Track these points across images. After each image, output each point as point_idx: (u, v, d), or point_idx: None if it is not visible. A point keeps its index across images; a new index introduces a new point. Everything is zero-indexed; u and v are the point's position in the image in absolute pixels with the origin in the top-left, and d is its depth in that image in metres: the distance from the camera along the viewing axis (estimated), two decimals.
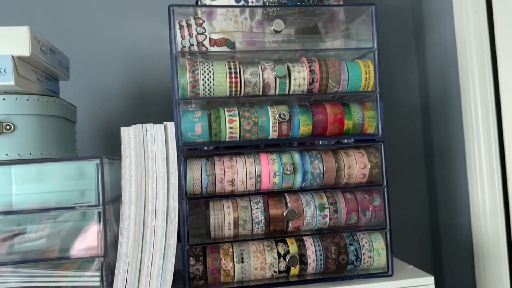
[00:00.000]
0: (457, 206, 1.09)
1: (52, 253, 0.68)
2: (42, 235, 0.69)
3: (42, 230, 0.69)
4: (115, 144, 1.06)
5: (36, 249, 0.68)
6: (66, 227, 0.70)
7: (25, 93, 0.71)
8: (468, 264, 1.05)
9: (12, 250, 0.68)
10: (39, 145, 0.72)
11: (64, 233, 0.70)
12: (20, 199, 0.68)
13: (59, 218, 0.70)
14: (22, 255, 0.67)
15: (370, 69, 0.75)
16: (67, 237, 0.69)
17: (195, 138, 0.73)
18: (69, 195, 0.69)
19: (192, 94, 0.72)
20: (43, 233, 0.69)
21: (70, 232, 0.69)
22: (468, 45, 1.03)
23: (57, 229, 0.69)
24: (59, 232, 0.70)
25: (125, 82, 1.08)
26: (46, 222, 0.69)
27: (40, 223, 0.69)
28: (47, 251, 0.68)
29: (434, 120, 1.15)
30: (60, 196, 0.68)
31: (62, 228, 0.70)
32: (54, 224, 0.69)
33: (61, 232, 0.70)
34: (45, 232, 0.69)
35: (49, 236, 0.69)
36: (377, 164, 0.76)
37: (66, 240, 0.69)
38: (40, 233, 0.69)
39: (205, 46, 0.73)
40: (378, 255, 0.76)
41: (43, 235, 0.69)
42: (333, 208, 0.75)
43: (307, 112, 0.74)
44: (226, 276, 0.72)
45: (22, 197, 0.68)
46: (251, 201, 0.74)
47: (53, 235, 0.69)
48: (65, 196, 0.68)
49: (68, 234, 0.69)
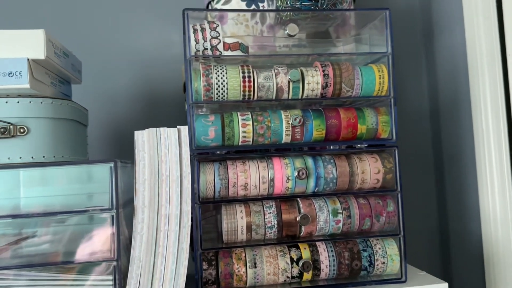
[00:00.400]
0: (467, 213, 1.08)
1: (58, 256, 0.68)
2: (48, 239, 0.69)
3: (48, 234, 0.69)
4: (124, 148, 1.06)
5: (41, 253, 0.68)
6: (73, 230, 0.69)
7: (39, 96, 0.71)
8: (478, 271, 1.04)
9: (18, 254, 0.67)
10: (52, 148, 0.72)
11: (71, 237, 0.69)
12: (28, 202, 0.67)
13: (66, 221, 0.70)
14: (27, 258, 0.67)
15: (384, 74, 0.75)
16: (75, 240, 0.69)
17: (208, 142, 0.72)
18: (76, 199, 0.68)
19: (206, 98, 0.72)
20: (49, 237, 0.69)
21: (77, 236, 0.69)
22: (479, 50, 1.02)
23: (63, 233, 0.69)
24: (66, 235, 0.69)
25: (135, 86, 1.08)
26: (53, 225, 0.69)
27: (47, 226, 0.69)
28: (53, 255, 0.68)
29: (444, 125, 1.14)
30: (66, 199, 0.68)
31: (69, 232, 0.69)
32: (61, 227, 0.69)
33: (68, 235, 0.69)
34: (52, 236, 0.69)
35: (56, 240, 0.69)
36: (391, 169, 0.76)
37: (72, 244, 0.68)
38: (46, 237, 0.69)
39: (219, 50, 0.73)
40: (391, 261, 0.75)
41: (49, 239, 0.69)
42: (346, 213, 0.74)
43: (320, 117, 0.74)
44: (238, 281, 0.72)
45: (29, 200, 0.68)
46: (263, 205, 0.74)
47: (59, 238, 0.69)
48: (72, 200, 0.68)
49: (76, 237, 0.69)
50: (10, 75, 0.66)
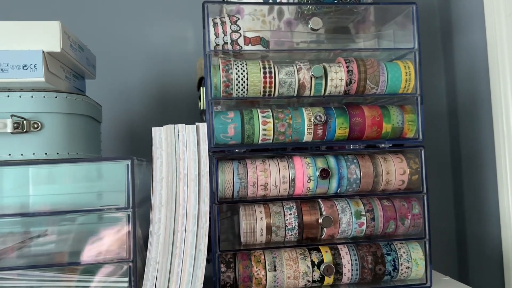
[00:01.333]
0: (486, 216, 1.05)
1: (65, 256, 0.66)
2: (57, 239, 0.66)
3: (57, 233, 0.67)
4: (137, 145, 1.04)
5: (48, 252, 0.65)
6: (82, 230, 0.67)
7: (53, 90, 0.69)
8: (496, 276, 1.01)
9: (25, 254, 0.65)
10: (66, 144, 0.70)
11: (79, 237, 0.67)
12: (36, 201, 0.65)
13: (76, 220, 0.67)
14: (35, 258, 0.65)
15: (410, 70, 0.72)
16: (83, 240, 0.66)
17: (227, 140, 0.70)
18: (85, 197, 0.66)
19: (225, 94, 0.70)
20: (58, 236, 0.67)
21: (86, 236, 0.67)
22: (500, 49, 0.99)
23: (72, 232, 0.67)
24: (75, 235, 0.67)
25: (149, 82, 1.06)
26: (62, 224, 0.67)
27: (56, 225, 0.66)
28: (61, 254, 0.66)
29: (463, 126, 1.12)
30: (75, 198, 0.66)
31: (79, 231, 0.67)
32: (69, 227, 0.67)
33: (77, 235, 0.67)
34: (60, 236, 0.66)
35: (64, 240, 0.66)
36: (417, 170, 0.73)
37: (80, 243, 0.66)
38: (54, 236, 0.66)
39: (239, 45, 0.71)
40: (416, 266, 0.72)
41: (57, 238, 0.67)
42: (370, 215, 0.72)
43: (344, 115, 0.71)
44: (257, 285, 0.69)
45: (38, 198, 0.65)
46: (284, 206, 0.71)
47: (68, 238, 0.66)
48: (81, 198, 0.66)
49: (84, 237, 0.66)
50: (25, 68, 0.64)
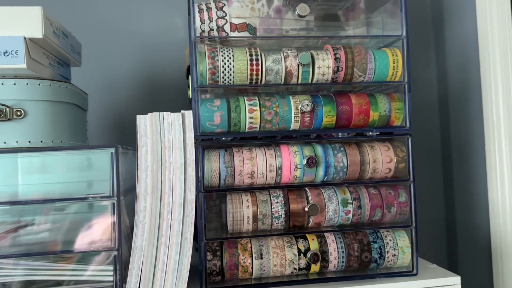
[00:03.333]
0: (475, 205, 1.05)
1: (57, 245, 0.65)
2: (47, 227, 0.66)
3: (47, 222, 0.66)
4: (126, 134, 1.03)
5: (40, 241, 0.65)
6: (73, 219, 0.67)
7: (36, 77, 0.68)
8: (485, 264, 1.02)
9: (16, 242, 0.65)
10: (50, 132, 0.69)
11: (70, 225, 0.66)
12: (26, 190, 0.64)
13: (65, 210, 0.67)
14: (26, 247, 0.64)
15: (398, 58, 0.72)
16: (74, 229, 0.66)
17: (213, 128, 0.69)
18: (75, 187, 0.65)
19: (211, 82, 0.69)
20: (48, 225, 0.66)
21: (76, 225, 0.66)
22: (491, 38, 0.99)
23: (63, 221, 0.66)
24: (65, 224, 0.66)
25: (137, 70, 1.05)
26: (52, 213, 0.66)
27: (46, 214, 0.66)
28: (52, 243, 0.65)
29: (453, 115, 1.12)
30: (66, 187, 0.65)
31: (69, 220, 0.67)
32: (60, 216, 0.66)
33: (67, 224, 0.67)
34: (51, 224, 0.66)
35: (55, 228, 0.66)
36: (404, 158, 0.73)
37: (71, 232, 0.66)
38: (45, 225, 0.66)
39: (226, 31, 0.70)
40: (402, 254, 0.72)
41: (48, 227, 0.66)
42: (356, 203, 0.72)
43: (331, 103, 0.71)
44: (244, 272, 0.69)
45: (28, 187, 0.65)
46: (270, 194, 0.71)
47: (59, 227, 0.66)
48: (72, 187, 0.65)
49: (74, 226, 0.66)
50: (6, 54, 0.62)
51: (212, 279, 0.69)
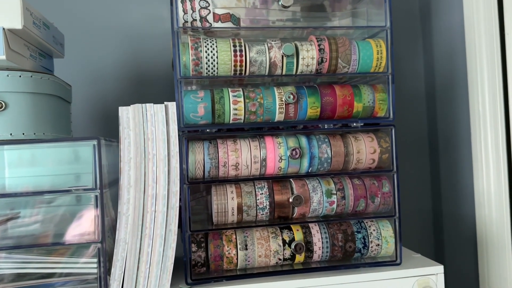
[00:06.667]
0: (461, 195, 1.06)
1: (46, 238, 0.65)
2: (36, 220, 0.66)
3: (36, 215, 0.66)
4: (112, 127, 1.02)
5: (29, 234, 0.65)
6: (61, 212, 0.67)
7: (17, 69, 0.67)
8: (470, 254, 1.03)
9: (5, 235, 0.64)
10: (32, 124, 0.68)
11: (58, 218, 0.66)
12: (14, 183, 0.64)
13: (54, 202, 0.67)
14: (15, 240, 0.64)
15: (382, 49, 0.72)
16: (62, 222, 0.66)
17: (197, 120, 0.69)
18: (63, 179, 0.65)
19: (195, 73, 0.69)
20: (37, 218, 0.66)
21: (64, 217, 0.66)
22: (477, 29, 0.99)
23: (51, 214, 0.66)
24: (54, 217, 0.66)
25: (123, 62, 1.04)
26: (40, 206, 0.66)
27: (34, 207, 0.66)
28: (41, 236, 0.65)
29: (440, 106, 1.12)
30: (54, 180, 0.65)
31: (57, 213, 0.66)
32: (48, 209, 0.66)
33: (56, 217, 0.66)
34: (39, 217, 0.66)
35: (43, 221, 0.66)
36: (387, 149, 0.73)
37: (60, 225, 0.66)
38: (34, 218, 0.66)
39: (209, 22, 0.69)
40: (386, 243, 0.73)
41: (37, 220, 0.66)
42: (340, 194, 0.72)
43: (315, 94, 0.71)
44: (229, 263, 0.69)
45: (15, 180, 0.64)
46: (255, 186, 0.71)
47: (47, 220, 0.66)
48: (59, 180, 0.65)
49: (63, 219, 0.66)
50: None
51: (197, 271, 0.69)
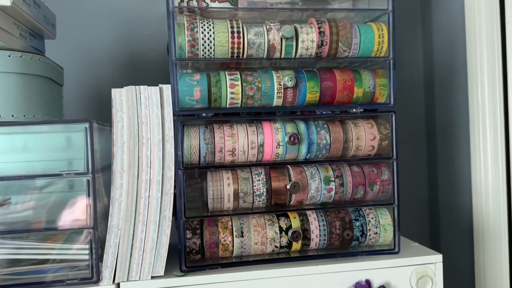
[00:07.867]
0: (458, 185, 1.06)
1: (39, 224, 0.64)
2: (28, 206, 0.64)
3: (28, 201, 0.64)
4: (105, 112, 0.99)
5: (22, 220, 0.63)
6: (53, 198, 0.65)
7: (6, 48, 0.65)
8: (467, 243, 1.03)
9: None
10: (22, 106, 0.66)
11: (51, 205, 0.65)
12: (5, 168, 0.62)
13: (46, 189, 0.65)
14: (7, 226, 0.63)
15: (384, 33, 0.70)
16: (54, 208, 0.64)
17: (193, 103, 0.67)
18: (55, 165, 0.63)
19: (191, 55, 0.66)
20: (29, 204, 0.64)
21: (57, 204, 0.65)
22: (477, 17, 0.98)
23: (43, 201, 0.64)
24: (46, 203, 0.65)
25: (117, 45, 1.01)
26: (33, 192, 0.64)
27: (26, 193, 0.64)
28: (34, 222, 0.64)
29: (438, 95, 1.11)
30: (46, 165, 0.63)
31: (49, 199, 0.65)
32: (40, 195, 0.64)
33: (48, 203, 0.65)
34: (32, 203, 0.64)
35: (36, 208, 0.64)
36: (387, 135, 0.72)
37: (52, 212, 0.64)
38: (26, 204, 0.64)
39: (206, 2, 0.67)
40: (384, 232, 0.72)
41: (29, 206, 0.64)
42: (339, 181, 0.71)
43: (314, 78, 0.69)
44: (224, 251, 0.68)
45: (7, 165, 0.62)
46: (252, 172, 0.69)
47: (40, 206, 0.64)
48: (51, 166, 0.63)
49: (55, 205, 0.65)
50: None
51: (191, 258, 0.68)
